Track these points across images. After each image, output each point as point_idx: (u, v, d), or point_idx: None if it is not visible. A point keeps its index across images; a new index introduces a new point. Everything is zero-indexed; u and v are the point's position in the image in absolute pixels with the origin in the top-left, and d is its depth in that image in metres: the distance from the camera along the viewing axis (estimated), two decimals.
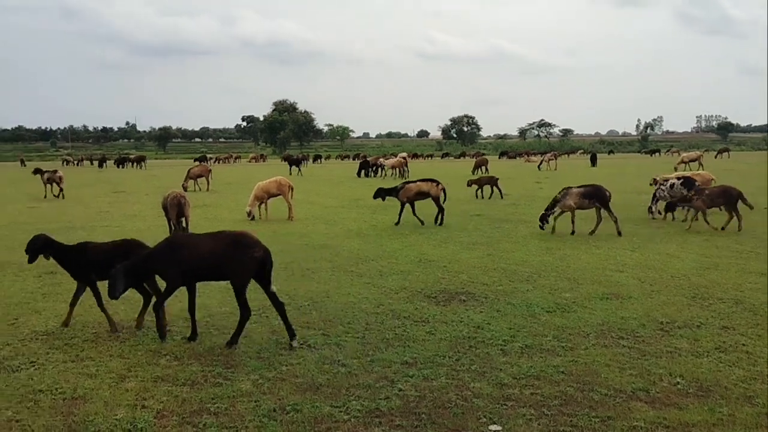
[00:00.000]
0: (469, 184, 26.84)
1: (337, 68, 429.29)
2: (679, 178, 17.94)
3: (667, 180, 18.20)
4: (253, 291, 7.81)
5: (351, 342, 7.28)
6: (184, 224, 13.37)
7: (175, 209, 13.09)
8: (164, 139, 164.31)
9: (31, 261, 8.06)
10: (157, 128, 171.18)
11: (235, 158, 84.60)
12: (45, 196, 27.99)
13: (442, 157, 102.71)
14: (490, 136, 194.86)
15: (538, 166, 51.71)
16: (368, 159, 49.37)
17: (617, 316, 8.19)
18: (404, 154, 56.10)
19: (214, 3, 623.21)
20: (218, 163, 72.07)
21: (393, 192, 17.59)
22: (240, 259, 7.08)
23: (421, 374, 6.24)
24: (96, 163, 72.48)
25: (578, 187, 15.43)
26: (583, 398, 5.68)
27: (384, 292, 9.67)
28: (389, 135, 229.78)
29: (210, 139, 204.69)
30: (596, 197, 15.01)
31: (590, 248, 13.26)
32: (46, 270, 11.34)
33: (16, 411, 5.53)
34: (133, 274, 7.26)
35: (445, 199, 17.36)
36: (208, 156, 70.35)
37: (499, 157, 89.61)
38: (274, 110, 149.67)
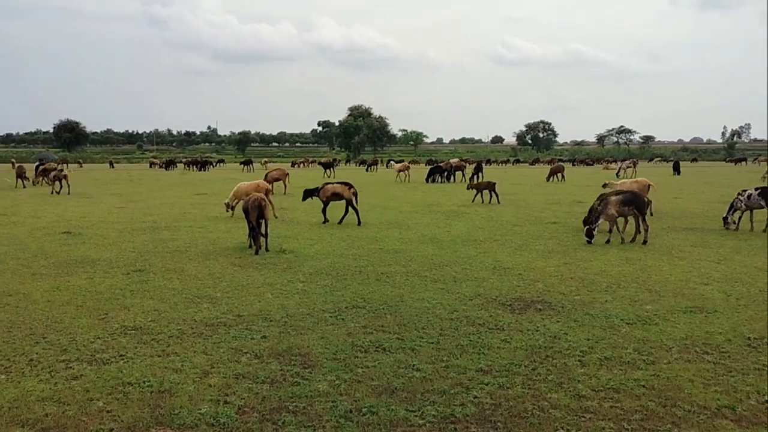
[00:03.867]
0: (469, 188, 27.67)
1: (412, 74, 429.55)
2: (756, 189, 17.30)
3: (745, 191, 17.52)
4: (332, 293, 7.85)
5: (426, 347, 7.30)
6: (263, 226, 13.72)
7: (256, 212, 13.45)
8: (243, 143, 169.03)
9: None
10: (236, 132, 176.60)
11: (311, 162, 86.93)
12: (51, 193, 31.92)
13: (513, 163, 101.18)
14: (566, 143, 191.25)
15: (617, 174, 50.51)
16: (440, 164, 48.98)
17: (702, 331, 7.90)
18: (456, 160, 56.18)
19: (293, 10, 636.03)
20: (295, 167, 73.92)
21: (315, 192, 19.29)
22: None
23: (496, 382, 6.20)
24: (164, 166, 77.51)
25: (616, 194, 15.28)
26: (665, 414, 5.51)
27: (458, 298, 9.65)
28: (463, 140, 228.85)
29: (287, 144, 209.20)
30: (635, 203, 14.91)
31: (673, 259, 12.83)
32: (135, 268, 11.90)
33: (106, 402, 5.79)
34: None
35: (357, 202, 18.77)
36: (253, 160, 77.91)
37: (572, 165, 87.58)
38: (349, 115, 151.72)
